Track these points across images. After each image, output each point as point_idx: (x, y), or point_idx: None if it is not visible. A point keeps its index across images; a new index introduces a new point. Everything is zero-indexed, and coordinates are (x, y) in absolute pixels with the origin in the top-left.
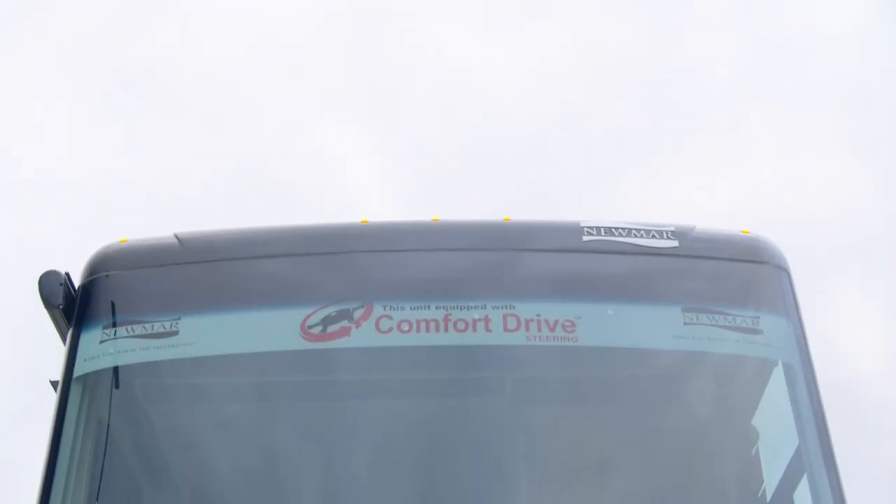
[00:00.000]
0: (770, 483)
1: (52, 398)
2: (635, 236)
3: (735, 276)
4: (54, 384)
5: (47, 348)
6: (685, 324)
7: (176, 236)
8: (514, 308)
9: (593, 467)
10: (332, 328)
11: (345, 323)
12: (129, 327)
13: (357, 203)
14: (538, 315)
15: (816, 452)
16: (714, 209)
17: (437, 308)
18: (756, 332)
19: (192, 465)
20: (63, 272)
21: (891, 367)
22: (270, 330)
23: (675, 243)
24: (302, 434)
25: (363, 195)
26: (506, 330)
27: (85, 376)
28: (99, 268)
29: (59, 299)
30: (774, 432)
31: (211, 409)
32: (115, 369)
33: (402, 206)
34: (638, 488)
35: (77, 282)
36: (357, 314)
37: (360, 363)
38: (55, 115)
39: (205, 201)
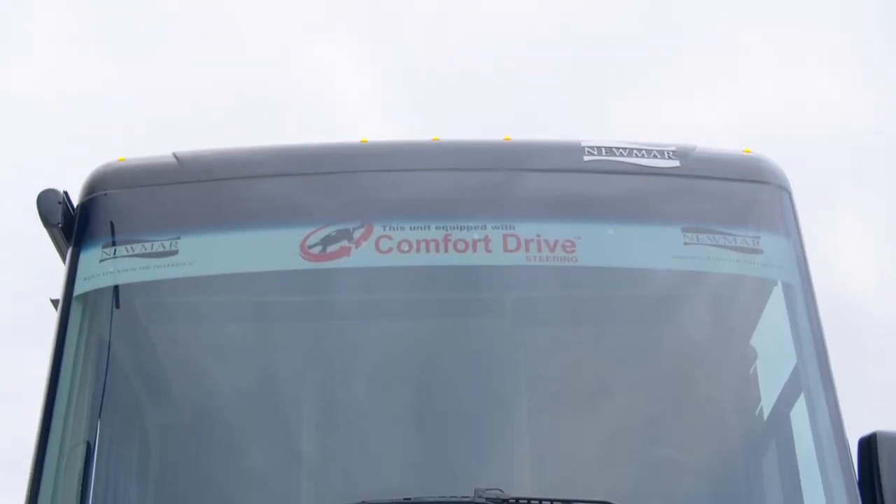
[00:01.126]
0: (767, 402)
1: (53, 317)
2: (636, 156)
3: (736, 196)
4: (55, 302)
5: (47, 266)
6: (685, 244)
7: (174, 155)
8: (514, 228)
9: (592, 387)
10: (331, 248)
11: (344, 243)
12: (128, 246)
13: (351, 123)
14: (538, 235)
15: (814, 372)
16: (714, 130)
17: (437, 228)
18: (756, 251)
19: (193, 384)
20: (62, 190)
21: (886, 289)
22: (270, 250)
23: (676, 163)
24: (301, 354)
25: (357, 115)
26: (506, 250)
27: (85, 295)
28: (97, 186)
29: (58, 218)
30: (773, 352)
31: (211, 328)
32: (115, 288)
33: (396, 127)
34: (636, 408)
35: (76, 201)
36: (357, 234)
37: (360, 283)
38: (50, 35)
39: (199, 121)
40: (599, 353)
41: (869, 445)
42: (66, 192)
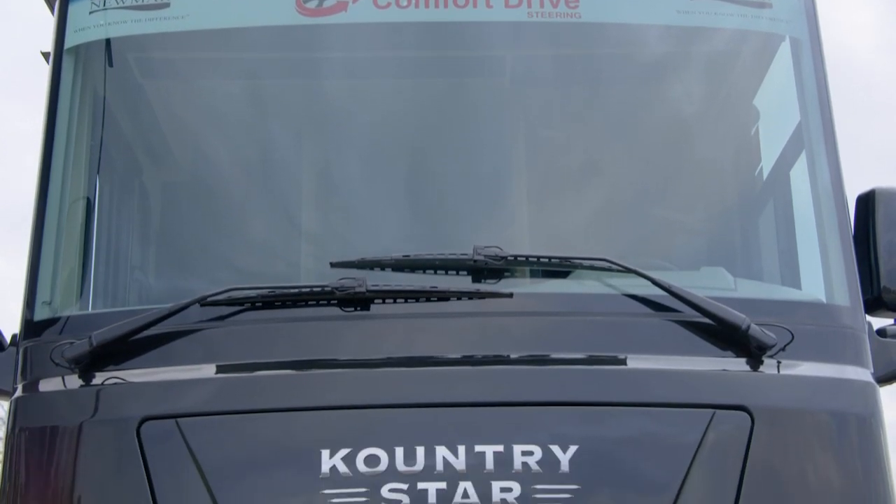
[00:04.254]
0: (767, 162)
1: (46, 70)
2: None
3: None
4: (46, 55)
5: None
6: None
7: None
8: None
9: (592, 147)
10: (328, 2)
11: None
12: None
13: None
14: None
15: (817, 130)
16: None
17: None
18: (765, 5)
19: (188, 142)
20: None
21: (885, 45)
22: (265, 3)
23: None
24: (297, 112)
25: None
26: (507, 6)
27: (76, 48)
28: None
29: None
30: (776, 111)
31: (205, 85)
32: (107, 42)
33: None
34: (636, 168)
35: None
36: None
37: (358, 39)
38: None
39: None
40: (599, 113)
41: (867, 202)
42: None
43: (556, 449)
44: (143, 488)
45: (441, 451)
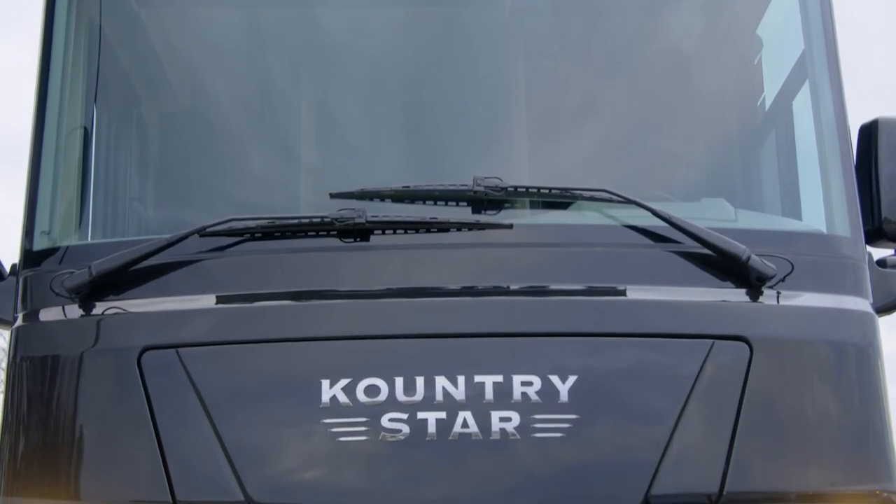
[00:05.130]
0: (770, 93)
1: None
2: None
3: None
4: None
5: None
6: None
7: None
8: None
9: (593, 78)
10: None
11: None
12: None
13: None
14: None
15: (821, 59)
16: None
17: None
18: None
19: (184, 71)
20: None
21: None
22: None
23: None
24: (296, 42)
25: None
26: None
27: None
28: None
29: None
30: (779, 40)
31: (202, 13)
32: None
33: None
34: (637, 100)
35: None
36: None
37: None
38: None
39: None
40: (600, 44)
41: (870, 132)
42: None
43: (555, 379)
44: (144, 417)
45: (441, 382)
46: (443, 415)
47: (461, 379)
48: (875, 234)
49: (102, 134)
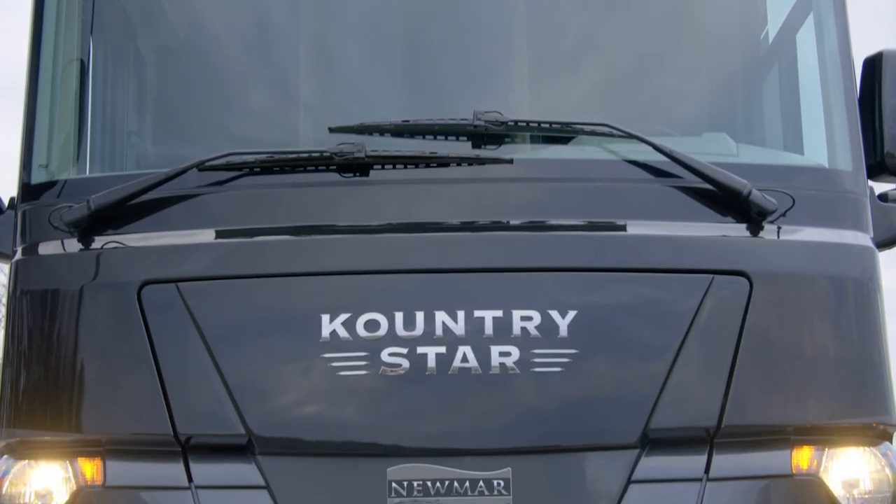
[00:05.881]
0: (773, 26)
1: None
2: None
3: None
4: None
5: None
6: None
7: None
8: None
9: (594, 12)
10: None
11: None
12: None
13: None
14: None
15: None
16: None
17: None
18: None
19: (182, 3)
20: None
21: None
22: None
23: None
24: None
25: None
26: None
27: None
28: None
29: None
30: None
31: None
32: None
33: None
34: (638, 34)
35: None
36: None
37: None
38: None
39: None
40: None
41: (874, 64)
42: None
43: (554, 314)
44: (144, 351)
45: (440, 317)
46: (442, 349)
47: (461, 314)
48: (877, 168)
49: (100, 67)
